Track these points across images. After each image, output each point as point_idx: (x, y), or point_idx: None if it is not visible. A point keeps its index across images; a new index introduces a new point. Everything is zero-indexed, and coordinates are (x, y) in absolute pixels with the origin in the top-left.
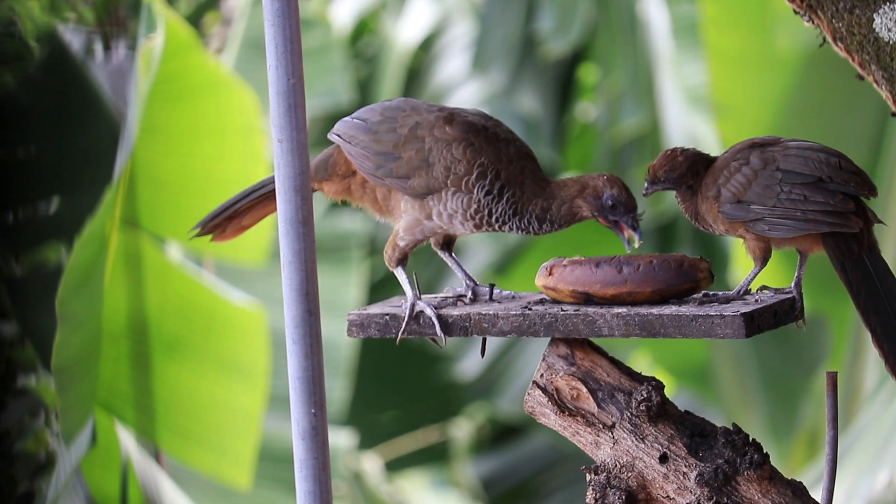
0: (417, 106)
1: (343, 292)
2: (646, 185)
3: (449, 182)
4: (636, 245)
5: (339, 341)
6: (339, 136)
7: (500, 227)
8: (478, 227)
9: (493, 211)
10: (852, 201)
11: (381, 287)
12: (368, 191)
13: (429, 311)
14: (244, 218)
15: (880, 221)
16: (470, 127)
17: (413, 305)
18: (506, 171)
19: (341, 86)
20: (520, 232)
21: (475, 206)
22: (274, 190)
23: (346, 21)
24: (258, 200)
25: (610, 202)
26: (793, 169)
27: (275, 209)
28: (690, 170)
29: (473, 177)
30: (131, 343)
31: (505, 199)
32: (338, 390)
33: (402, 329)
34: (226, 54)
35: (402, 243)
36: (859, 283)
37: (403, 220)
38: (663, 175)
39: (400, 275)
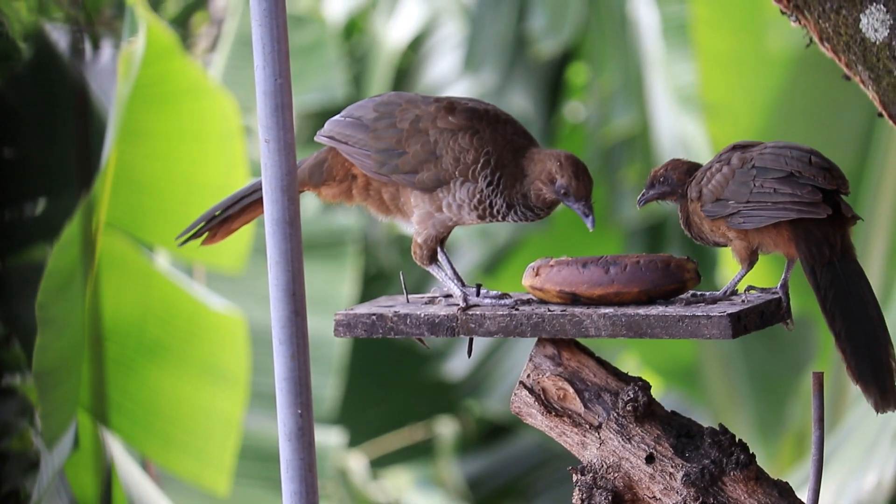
0: (412, 98)
1: (337, 289)
2: (644, 190)
3: (458, 172)
4: (590, 229)
5: (333, 339)
6: (332, 137)
7: (502, 218)
8: (481, 217)
9: (495, 203)
10: (821, 194)
11: (375, 283)
12: (373, 192)
13: (487, 301)
14: (234, 222)
15: (858, 217)
16: (473, 114)
17: (467, 299)
18: (503, 155)
19: (336, 81)
20: (521, 220)
21: (479, 195)
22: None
23: (337, 20)
24: (249, 206)
25: (562, 191)
26: (765, 165)
27: (262, 212)
28: (690, 174)
29: (479, 165)
30: (115, 346)
31: (501, 189)
32: (329, 388)
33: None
34: (218, 52)
35: (420, 239)
36: (827, 287)
37: (416, 215)
38: (662, 175)
39: (436, 272)
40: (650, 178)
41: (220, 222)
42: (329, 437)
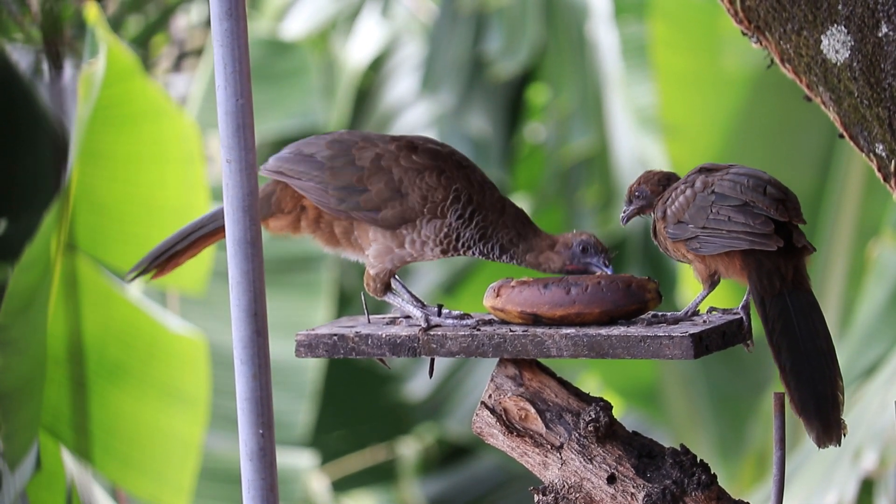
0: (368, 136)
1: (311, 314)
2: (624, 208)
3: (426, 210)
4: None
5: (306, 363)
6: (281, 173)
7: (464, 252)
8: (444, 252)
9: (461, 235)
10: (773, 225)
11: (349, 307)
12: (324, 226)
13: (448, 322)
14: (181, 256)
15: (811, 248)
16: (437, 154)
17: (428, 320)
18: (478, 195)
19: (317, 106)
20: (481, 256)
21: (446, 230)
22: (212, 228)
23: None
24: (197, 240)
25: (581, 247)
26: (723, 192)
27: (211, 243)
28: (662, 184)
29: (449, 202)
30: (74, 368)
31: (474, 223)
32: (303, 413)
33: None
34: (198, 75)
35: (373, 272)
36: (775, 319)
37: (373, 249)
38: (637, 190)
39: (392, 300)
40: (627, 194)
41: (168, 258)
42: (301, 460)
